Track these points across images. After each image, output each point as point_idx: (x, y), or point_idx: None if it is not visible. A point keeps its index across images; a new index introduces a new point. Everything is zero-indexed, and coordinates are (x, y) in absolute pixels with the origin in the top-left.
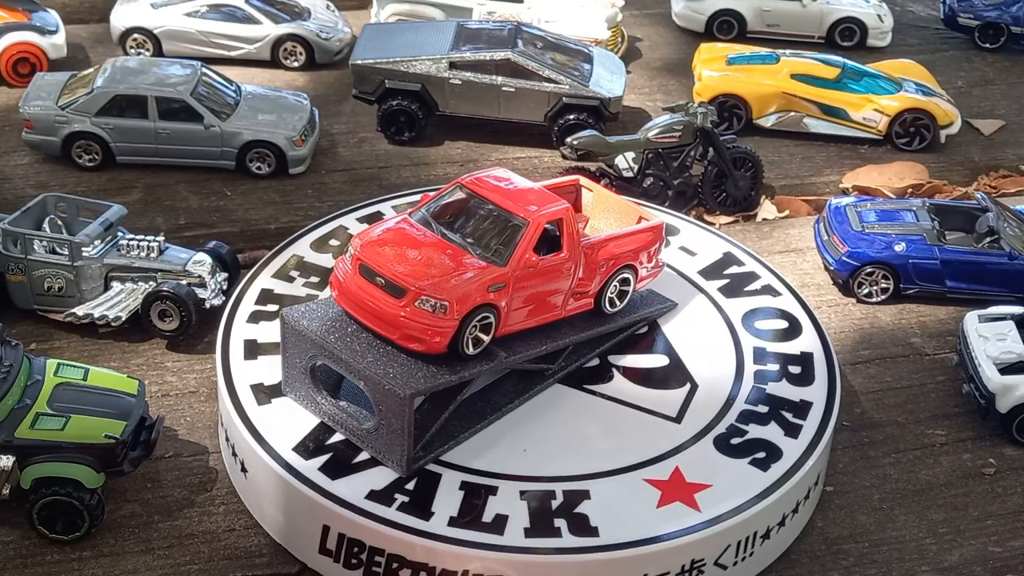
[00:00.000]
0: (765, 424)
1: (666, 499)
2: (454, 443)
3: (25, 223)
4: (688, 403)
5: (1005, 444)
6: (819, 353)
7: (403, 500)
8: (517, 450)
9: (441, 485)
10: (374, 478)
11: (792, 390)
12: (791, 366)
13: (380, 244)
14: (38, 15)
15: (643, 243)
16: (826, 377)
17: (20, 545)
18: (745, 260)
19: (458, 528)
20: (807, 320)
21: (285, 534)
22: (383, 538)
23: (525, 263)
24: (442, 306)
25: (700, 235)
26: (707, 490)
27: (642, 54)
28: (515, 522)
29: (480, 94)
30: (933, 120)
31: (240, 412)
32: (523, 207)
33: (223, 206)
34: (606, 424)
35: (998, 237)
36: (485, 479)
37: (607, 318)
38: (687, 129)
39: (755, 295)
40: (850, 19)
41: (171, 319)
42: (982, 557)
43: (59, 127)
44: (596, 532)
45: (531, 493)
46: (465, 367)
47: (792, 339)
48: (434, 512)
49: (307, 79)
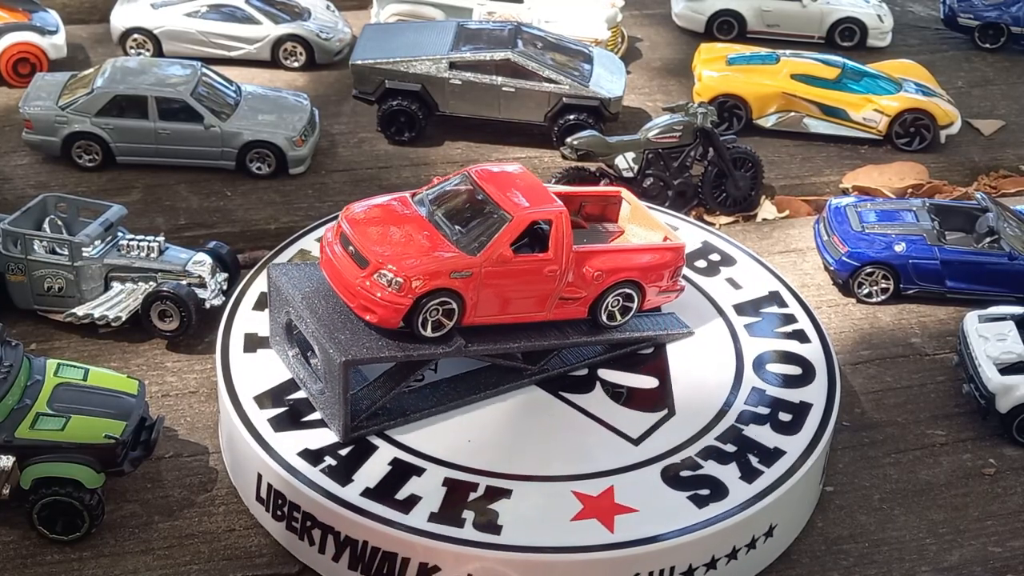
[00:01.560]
0: (724, 463)
1: (584, 514)
2: (404, 421)
3: (25, 223)
4: (655, 429)
5: (1005, 444)
6: (816, 408)
7: (330, 464)
8: (462, 439)
9: (373, 457)
10: (314, 439)
11: (772, 436)
12: (782, 412)
13: (366, 216)
14: (38, 15)
15: (653, 262)
16: (813, 431)
17: (20, 545)
18: (790, 302)
19: (367, 499)
20: (824, 370)
21: (234, 474)
22: (300, 495)
23: (498, 257)
24: (397, 282)
25: (752, 269)
26: (630, 514)
27: (642, 54)
28: (425, 505)
29: (480, 94)
30: (933, 120)
31: (225, 364)
32: (513, 202)
33: (223, 206)
34: (562, 432)
35: (998, 237)
36: (417, 460)
37: (603, 331)
38: (687, 129)
39: (780, 338)
40: (850, 19)
41: (171, 319)
42: (982, 557)
43: (59, 127)
44: (498, 530)
45: (454, 481)
46: (417, 348)
47: (801, 387)
48: (353, 480)
49: (307, 79)
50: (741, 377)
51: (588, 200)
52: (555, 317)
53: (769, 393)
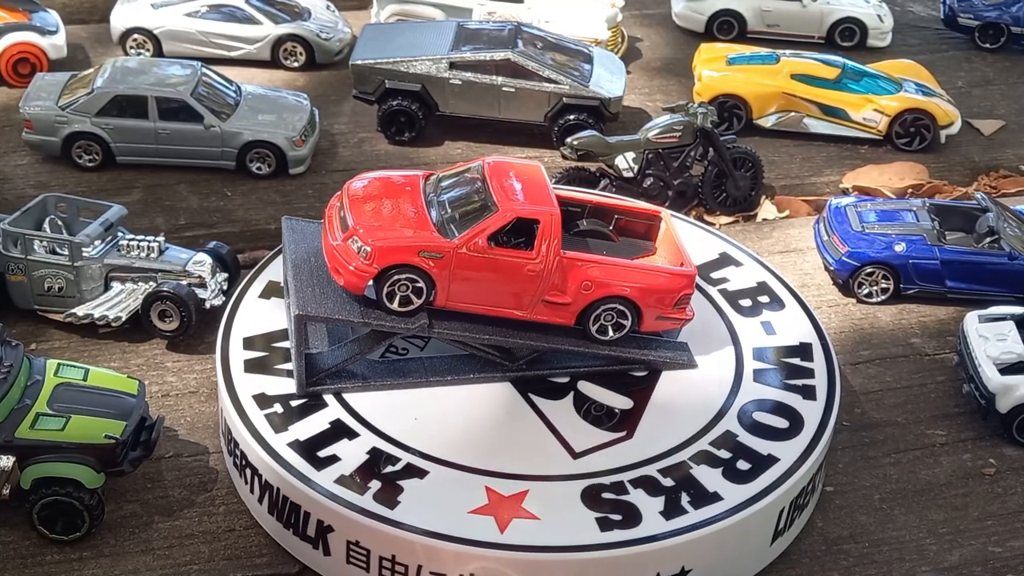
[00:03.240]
0: (653, 495)
1: (484, 510)
2: (362, 387)
3: (25, 223)
4: (602, 448)
5: (1005, 444)
6: (781, 464)
7: (275, 411)
8: (410, 416)
9: (316, 414)
10: (274, 385)
11: (717, 480)
12: (742, 461)
13: (368, 186)
14: (38, 15)
15: (653, 284)
16: (764, 485)
17: (20, 545)
18: (817, 358)
19: (289, 449)
20: (817, 421)
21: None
22: (241, 435)
23: (473, 246)
24: (365, 250)
25: (794, 315)
26: (529, 521)
27: (642, 54)
28: (338, 467)
29: (480, 94)
30: (933, 120)
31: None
32: (506, 196)
33: (223, 206)
34: (508, 430)
35: (998, 237)
36: (356, 424)
37: (591, 344)
38: (687, 129)
39: (783, 389)
40: (850, 19)
41: (171, 319)
42: (982, 557)
43: (59, 127)
44: (394, 505)
45: (378, 452)
46: (379, 318)
47: (776, 440)
48: (287, 431)
49: (307, 79)
50: (720, 419)
51: (624, 214)
52: (537, 319)
53: (740, 439)
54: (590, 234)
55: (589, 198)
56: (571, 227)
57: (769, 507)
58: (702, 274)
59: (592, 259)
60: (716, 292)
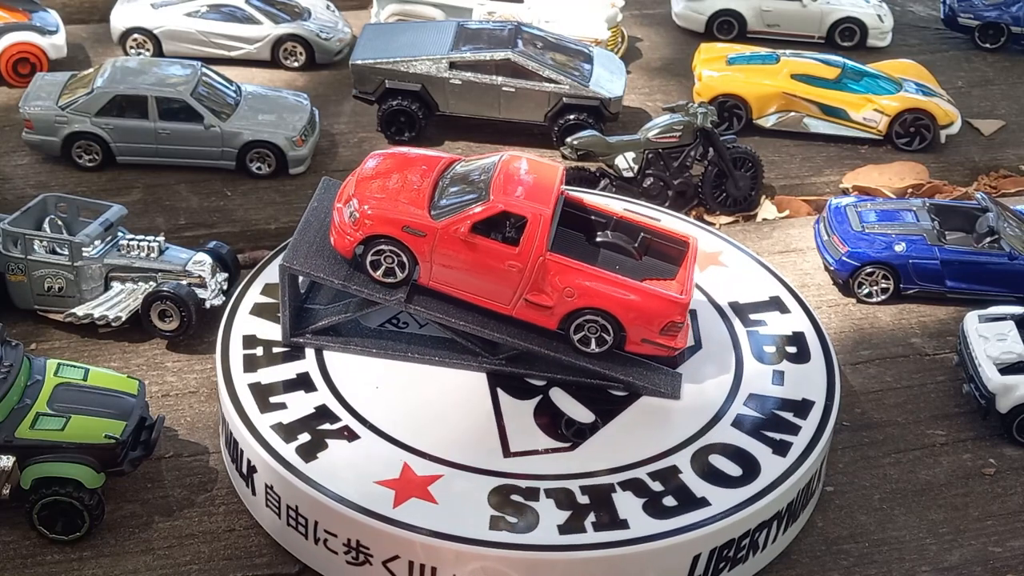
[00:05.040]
0: (561, 508)
1: (390, 483)
2: (341, 347)
3: (25, 223)
4: (538, 453)
5: (1005, 444)
6: (703, 512)
7: (254, 355)
8: (373, 383)
9: (290, 364)
10: (265, 331)
11: (631, 509)
12: (668, 498)
13: (389, 158)
14: (38, 15)
15: (637, 304)
16: (674, 527)
17: (20, 545)
18: (813, 418)
19: (248, 389)
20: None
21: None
22: (221, 380)
23: (455, 231)
24: (354, 216)
25: (808, 372)
26: (427, 503)
27: (642, 54)
28: (282, 414)
29: (480, 94)
30: (933, 120)
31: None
32: (503, 190)
33: (223, 206)
34: (458, 417)
35: (998, 237)
36: (319, 380)
37: (570, 353)
38: (687, 129)
39: (755, 439)
40: (850, 19)
41: (171, 319)
42: (982, 557)
43: (59, 127)
44: (309, 460)
45: (324, 409)
46: (358, 284)
47: (721, 487)
48: (254, 372)
49: (307, 79)
50: (672, 453)
51: (651, 234)
52: (519, 316)
53: (682, 477)
54: (611, 247)
55: (619, 212)
56: (593, 237)
57: (679, 547)
58: (742, 312)
59: (578, 266)
60: (744, 332)
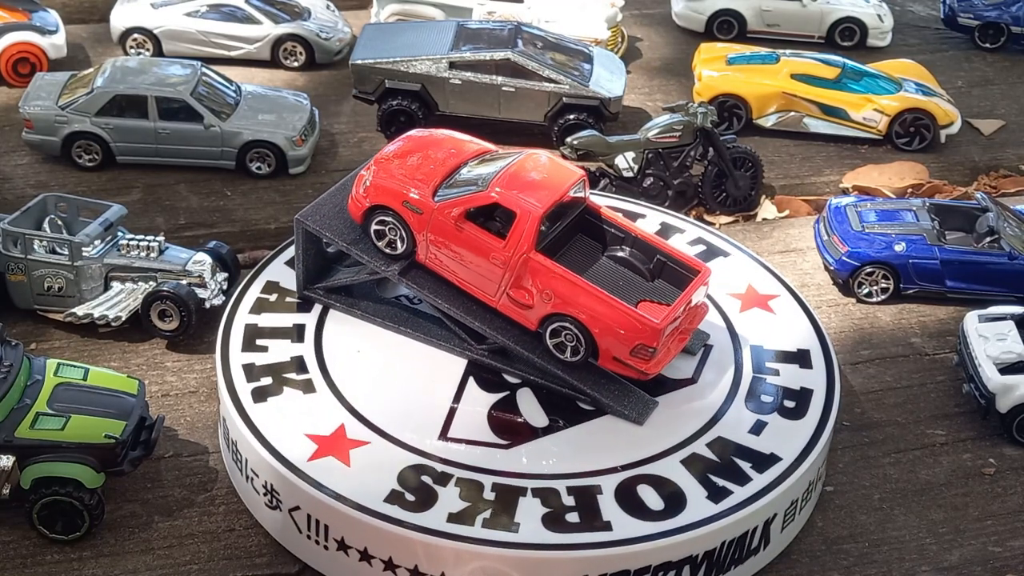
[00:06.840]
0: (464, 499)
1: (316, 439)
2: (344, 309)
3: (25, 223)
4: (473, 444)
5: (1005, 444)
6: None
7: (261, 300)
8: (354, 348)
9: (292, 313)
10: (281, 279)
11: (529, 519)
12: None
13: (425, 134)
14: (38, 15)
15: (608, 319)
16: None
17: (20, 545)
18: (781, 461)
19: (241, 327)
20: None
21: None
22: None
23: (448, 214)
24: (365, 184)
25: (793, 428)
26: (339, 465)
27: (642, 54)
28: (258, 356)
29: (480, 94)
30: (933, 120)
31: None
32: (506, 182)
33: (223, 206)
34: (418, 393)
35: (998, 237)
36: (310, 333)
37: (546, 358)
38: (687, 129)
39: (708, 490)
40: (850, 19)
41: (171, 319)
42: (982, 557)
43: (59, 127)
44: (259, 401)
45: (298, 359)
46: (358, 249)
47: (650, 519)
48: (259, 315)
49: (307, 79)
50: (605, 474)
51: (667, 258)
52: (503, 310)
53: (600, 500)
54: (624, 263)
55: (640, 231)
56: (609, 250)
57: (562, 563)
58: (760, 356)
59: (560, 271)
60: (750, 377)
